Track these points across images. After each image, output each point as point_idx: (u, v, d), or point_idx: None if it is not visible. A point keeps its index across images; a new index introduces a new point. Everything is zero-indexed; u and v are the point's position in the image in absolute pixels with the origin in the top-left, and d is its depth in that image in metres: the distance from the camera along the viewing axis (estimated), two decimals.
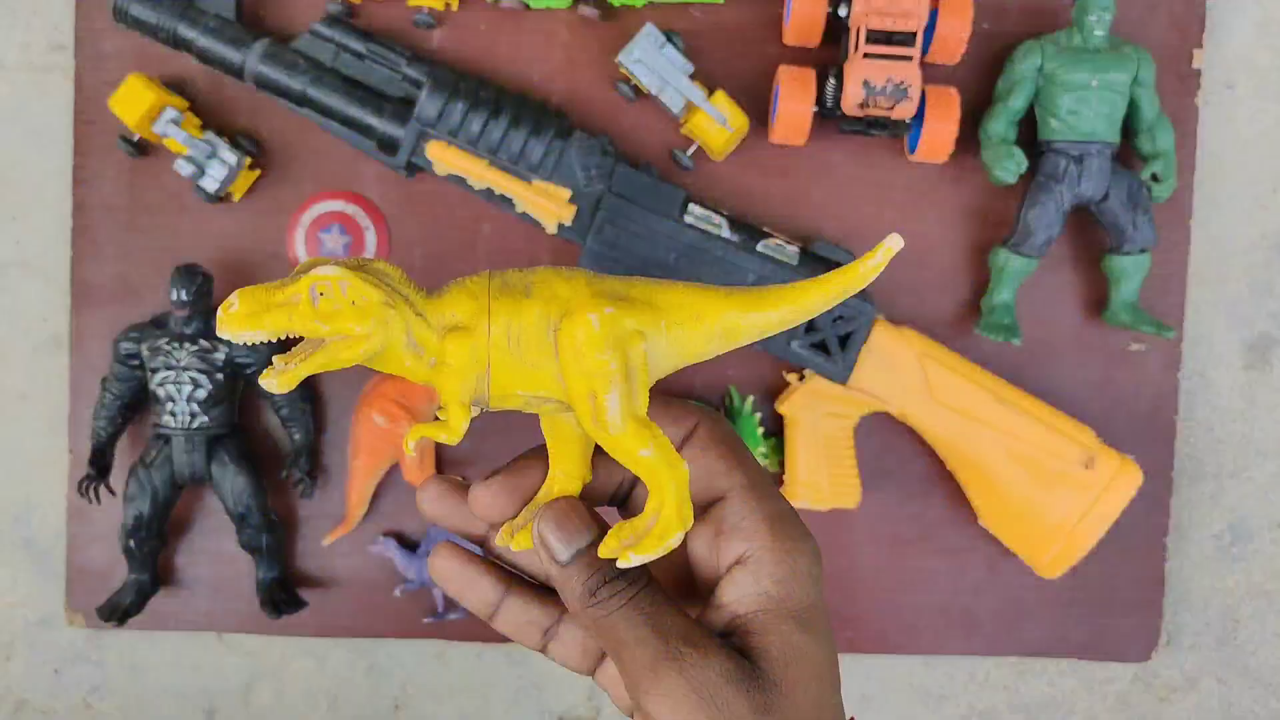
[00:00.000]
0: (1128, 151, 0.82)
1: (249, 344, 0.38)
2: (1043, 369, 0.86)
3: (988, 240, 0.84)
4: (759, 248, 0.79)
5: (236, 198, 0.82)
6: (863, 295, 0.79)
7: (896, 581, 0.87)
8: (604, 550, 0.39)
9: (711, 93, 0.79)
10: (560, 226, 0.79)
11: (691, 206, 0.79)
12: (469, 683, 0.90)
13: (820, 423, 0.81)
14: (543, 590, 0.43)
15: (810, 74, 0.79)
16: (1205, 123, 0.86)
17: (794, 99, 0.78)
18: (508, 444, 0.46)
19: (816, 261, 0.80)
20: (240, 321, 0.36)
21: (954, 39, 0.79)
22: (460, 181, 0.79)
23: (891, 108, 0.76)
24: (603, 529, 0.40)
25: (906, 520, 0.87)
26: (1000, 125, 0.80)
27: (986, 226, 0.85)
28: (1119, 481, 0.80)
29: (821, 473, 0.81)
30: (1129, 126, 0.81)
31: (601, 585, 0.39)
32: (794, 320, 0.40)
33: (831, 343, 0.79)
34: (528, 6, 0.81)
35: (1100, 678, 0.90)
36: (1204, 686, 0.91)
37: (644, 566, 0.39)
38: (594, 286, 0.38)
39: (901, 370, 0.80)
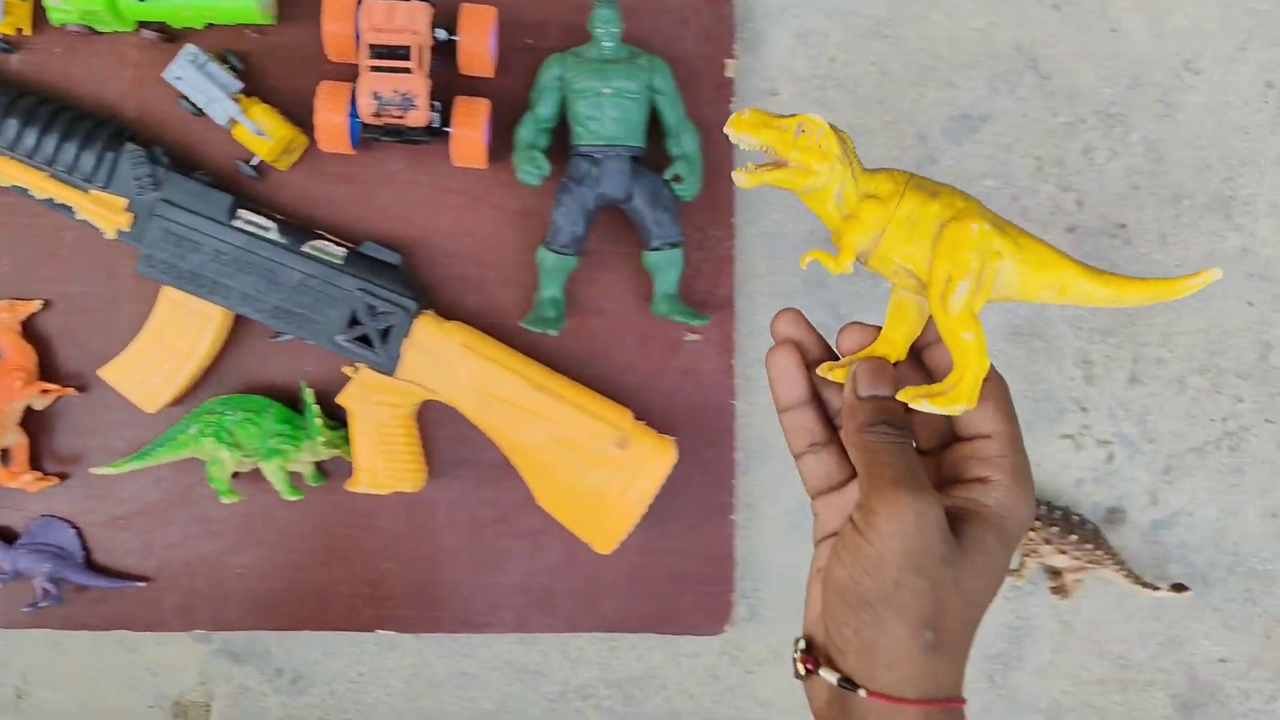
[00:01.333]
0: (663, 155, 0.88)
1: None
2: (607, 359, 0.92)
3: (539, 239, 0.90)
4: (304, 249, 0.85)
5: None
6: (402, 292, 0.85)
7: (478, 563, 0.92)
8: (903, 395, 0.50)
9: (256, 107, 0.85)
10: (120, 233, 0.85)
11: (241, 211, 0.85)
12: (86, 671, 0.94)
13: (374, 411, 0.86)
14: (828, 418, 0.57)
15: (346, 87, 0.85)
16: None
17: (328, 110, 0.84)
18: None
19: (363, 260, 0.86)
20: (746, 126, 0.50)
21: (477, 53, 0.85)
22: (23, 192, 0.85)
23: (403, 116, 0.82)
24: (895, 392, 0.51)
25: (484, 503, 0.92)
26: (528, 132, 0.86)
27: (541, 226, 0.90)
28: (652, 460, 0.86)
29: (378, 459, 0.86)
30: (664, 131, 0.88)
31: (881, 422, 0.51)
32: (1112, 302, 0.52)
33: (373, 335, 0.85)
34: (94, 30, 0.87)
35: (688, 651, 0.95)
36: (787, 657, 0.96)
37: (909, 429, 0.51)
38: (983, 210, 0.50)
39: (445, 361, 0.85)
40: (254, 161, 0.88)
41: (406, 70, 0.81)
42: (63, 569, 0.89)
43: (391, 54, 0.81)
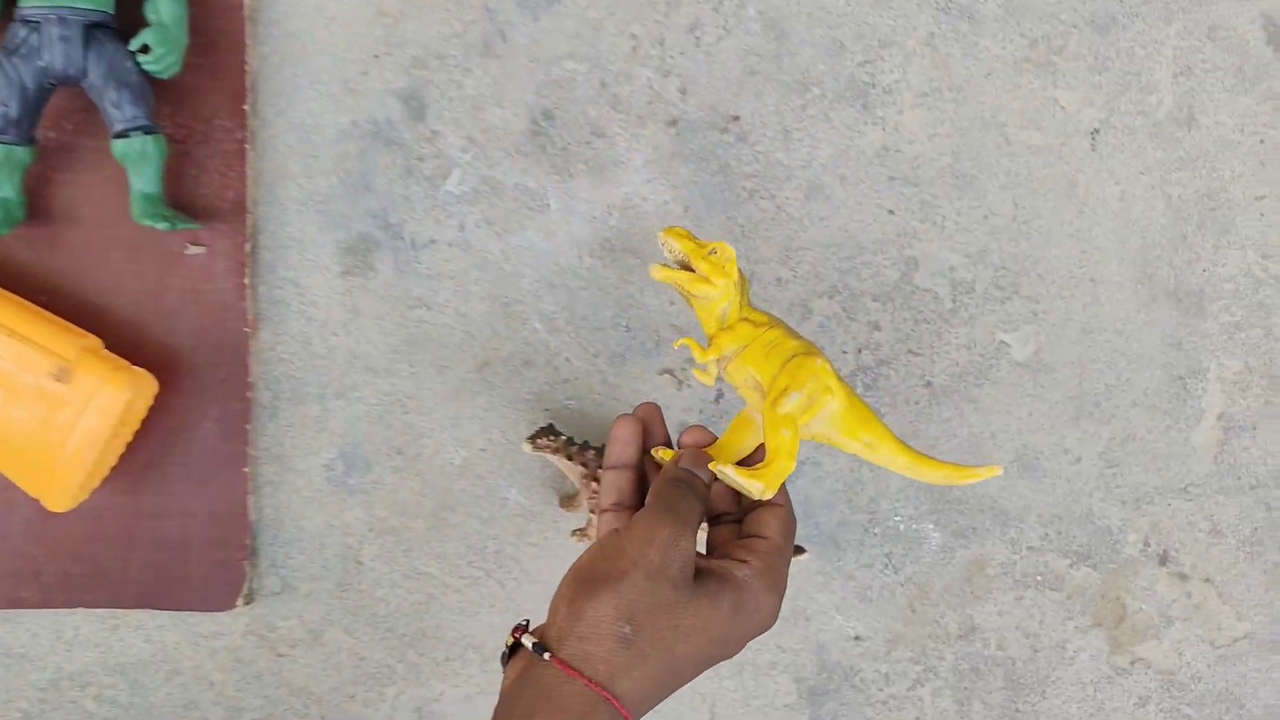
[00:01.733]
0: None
1: None
2: (90, 276, 0.76)
3: None
4: None
5: None
6: None
7: None
8: (715, 463, 0.56)
9: None
10: None
11: None
12: None
13: None
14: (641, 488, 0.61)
15: None
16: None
17: None
18: None
19: None
20: (675, 235, 0.59)
21: None
22: None
23: None
24: (707, 480, 0.58)
25: None
26: None
27: None
28: (102, 394, 0.70)
29: None
30: None
31: (683, 482, 0.57)
32: (908, 472, 0.59)
33: None
34: None
35: (207, 631, 0.80)
36: (330, 638, 0.80)
37: (703, 497, 0.57)
38: (832, 366, 0.58)
39: None
40: None
41: None
42: None
43: None
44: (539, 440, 0.76)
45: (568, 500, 0.79)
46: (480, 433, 0.80)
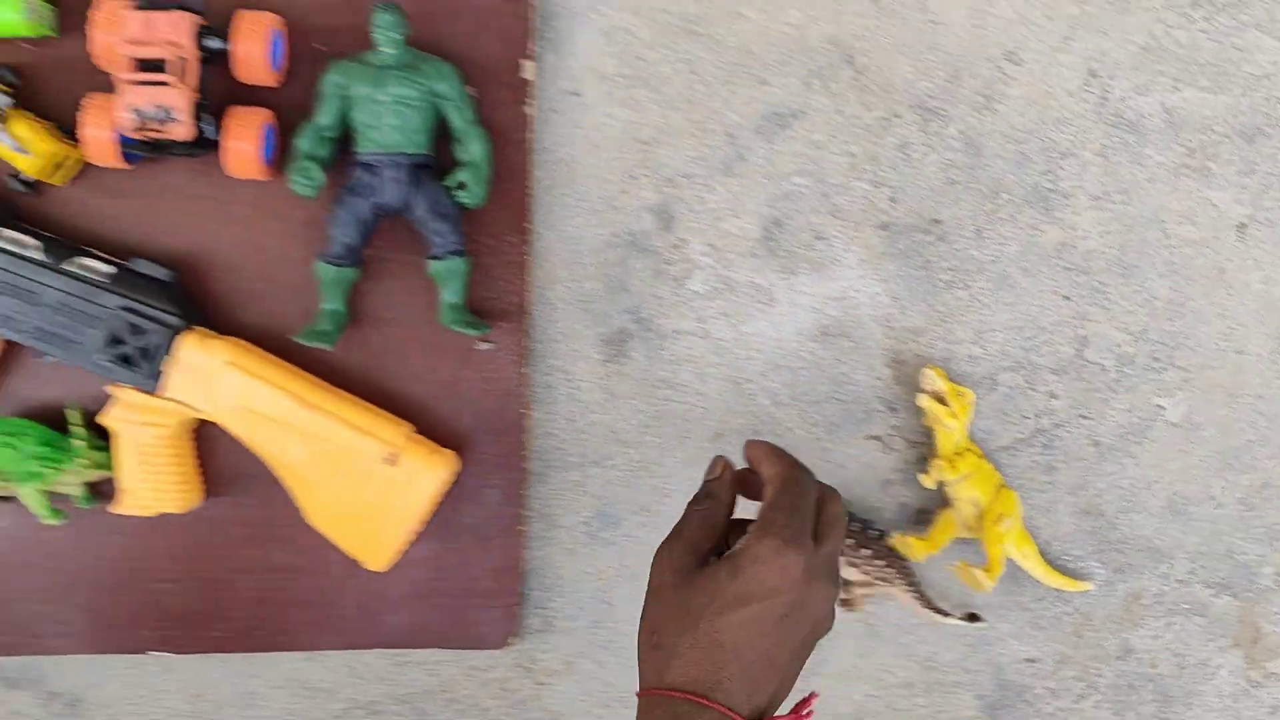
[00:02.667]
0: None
1: None
2: (395, 371, 0.89)
3: None
4: (65, 266, 0.82)
5: None
6: (168, 309, 0.83)
7: (260, 580, 0.91)
8: (959, 568, 0.92)
9: (20, 122, 0.82)
10: None
11: (0, 230, 0.83)
12: None
13: (138, 432, 0.84)
14: None
15: (113, 99, 0.82)
16: (553, 129, 0.91)
17: (93, 125, 0.81)
18: None
19: (133, 277, 0.83)
20: (938, 373, 0.90)
21: (253, 60, 0.82)
22: None
23: (161, 130, 0.79)
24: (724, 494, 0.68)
25: (266, 520, 0.90)
26: (306, 142, 0.84)
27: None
28: (423, 475, 0.85)
29: (142, 480, 0.85)
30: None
31: (705, 495, 0.68)
32: (1037, 575, 0.97)
33: (135, 355, 0.83)
34: None
35: (480, 664, 0.95)
36: (581, 668, 0.95)
37: (720, 501, 0.68)
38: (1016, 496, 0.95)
39: (210, 379, 0.84)
40: (23, 176, 0.85)
41: (165, 84, 0.78)
42: None
43: (149, 67, 0.78)
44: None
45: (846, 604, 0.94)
46: None
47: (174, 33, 0.78)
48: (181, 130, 0.80)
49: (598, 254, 0.92)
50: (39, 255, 0.82)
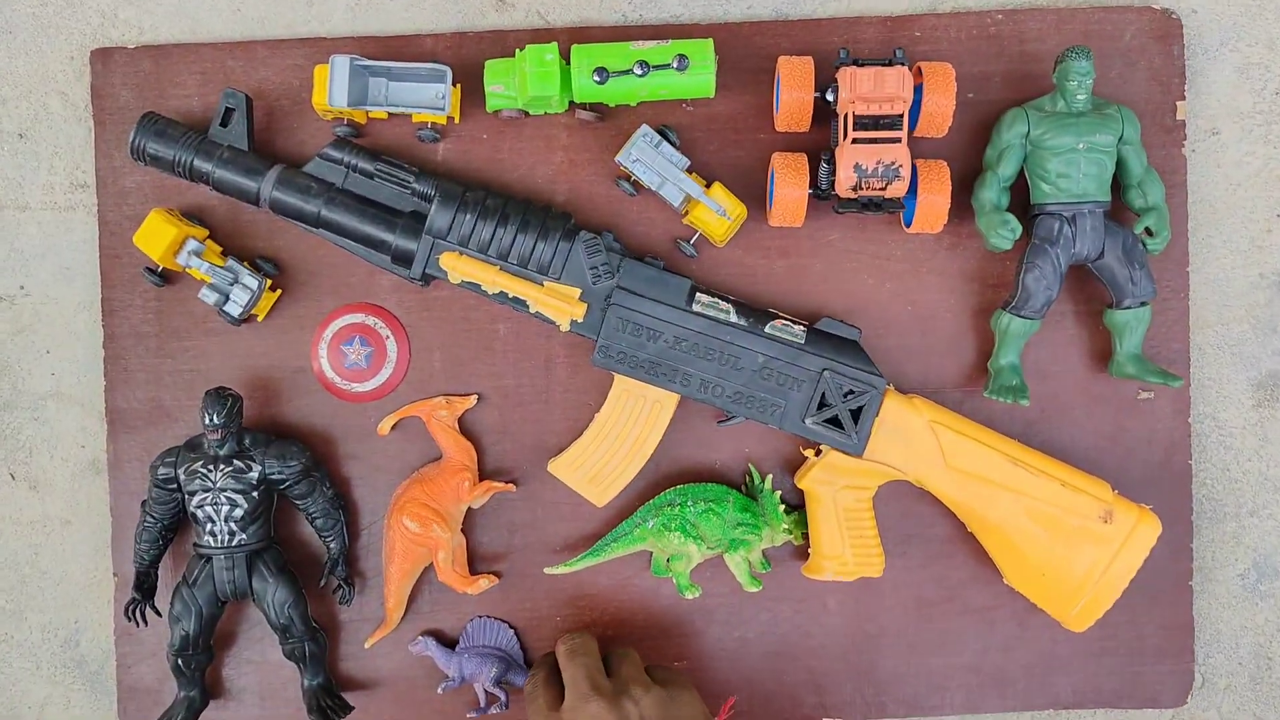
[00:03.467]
0: (1120, 206, 0.84)
1: (281, 458, 0.82)
2: (1054, 425, 0.87)
3: (988, 303, 0.86)
4: (767, 329, 0.81)
5: (260, 318, 0.85)
6: (870, 370, 0.81)
7: (924, 644, 0.88)
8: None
9: (709, 184, 0.82)
10: (573, 323, 0.82)
11: (699, 295, 0.82)
12: None
13: (839, 495, 0.83)
14: None
15: (803, 159, 0.81)
16: (1194, 170, 0.88)
17: (789, 184, 0.80)
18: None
19: (822, 338, 0.82)
20: None
21: (940, 114, 0.81)
22: (474, 287, 0.82)
23: (884, 188, 0.78)
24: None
25: (931, 582, 0.88)
26: (992, 193, 0.82)
27: (986, 290, 0.87)
28: (1138, 533, 0.81)
29: (844, 544, 0.83)
30: (1119, 182, 0.83)
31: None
32: None
33: (844, 417, 0.81)
34: (527, 114, 0.84)
35: None
36: None
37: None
38: None
39: (914, 439, 0.82)
40: (693, 240, 0.84)
41: (896, 140, 0.77)
42: (508, 671, 0.86)
43: (878, 124, 0.77)
44: None
45: None
46: None
47: (902, 89, 0.77)
48: (900, 187, 0.78)
49: (1244, 296, 0.89)
50: (736, 319, 0.81)
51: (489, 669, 0.86)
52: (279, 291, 0.85)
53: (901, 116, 0.77)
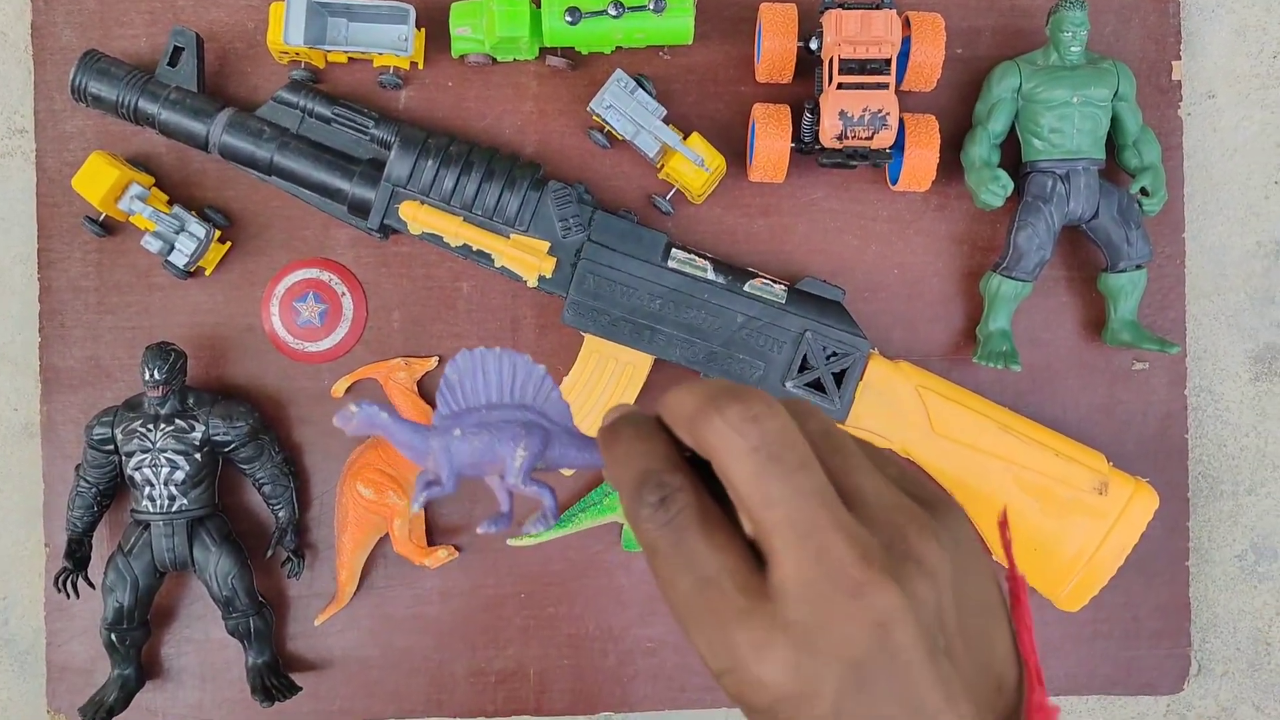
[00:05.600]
0: (1113, 168, 0.80)
1: (226, 419, 0.69)
2: (1045, 395, 0.83)
3: (977, 266, 0.82)
4: (746, 288, 0.77)
5: (208, 271, 0.80)
6: (855, 330, 0.77)
7: None
8: None
9: (686, 135, 0.78)
10: (541, 279, 0.77)
11: (675, 251, 0.77)
12: None
13: None
14: None
15: (785, 110, 0.77)
16: (1190, 133, 0.85)
17: (771, 136, 0.76)
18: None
19: (804, 299, 0.78)
20: None
21: (929, 66, 0.77)
22: (436, 240, 0.77)
23: (870, 137, 0.74)
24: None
25: None
26: (982, 149, 0.79)
27: (975, 252, 0.83)
28: (1135, 506, 0.77)
29: None
30: (1114, 142, 0.80)
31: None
32: None
33: (826, 380, 0.77)
34: (495, 60, 0.80)
35: (1131, 713, 0.87)
36: (1241, 715, 0.87)
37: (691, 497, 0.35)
38: None
39: (900, 405, 0.77)
40: (669, 195, 0.80)
41: (883, 85, 0.73)
42: (547, 448, 0.35)
43: (864, 69, 0.73)
44: None
45: None
46: None
47: (889, 31, 0.73)
48: (887, 137, 0.74)
49: (1241, 265, 0.86)
50: (715, 276, 0.77)
51: (513, 446, 0.40)
52: (228, 244, 0.80)
53: (889, 61, 0.74)
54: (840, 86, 0.74)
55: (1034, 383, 0.83)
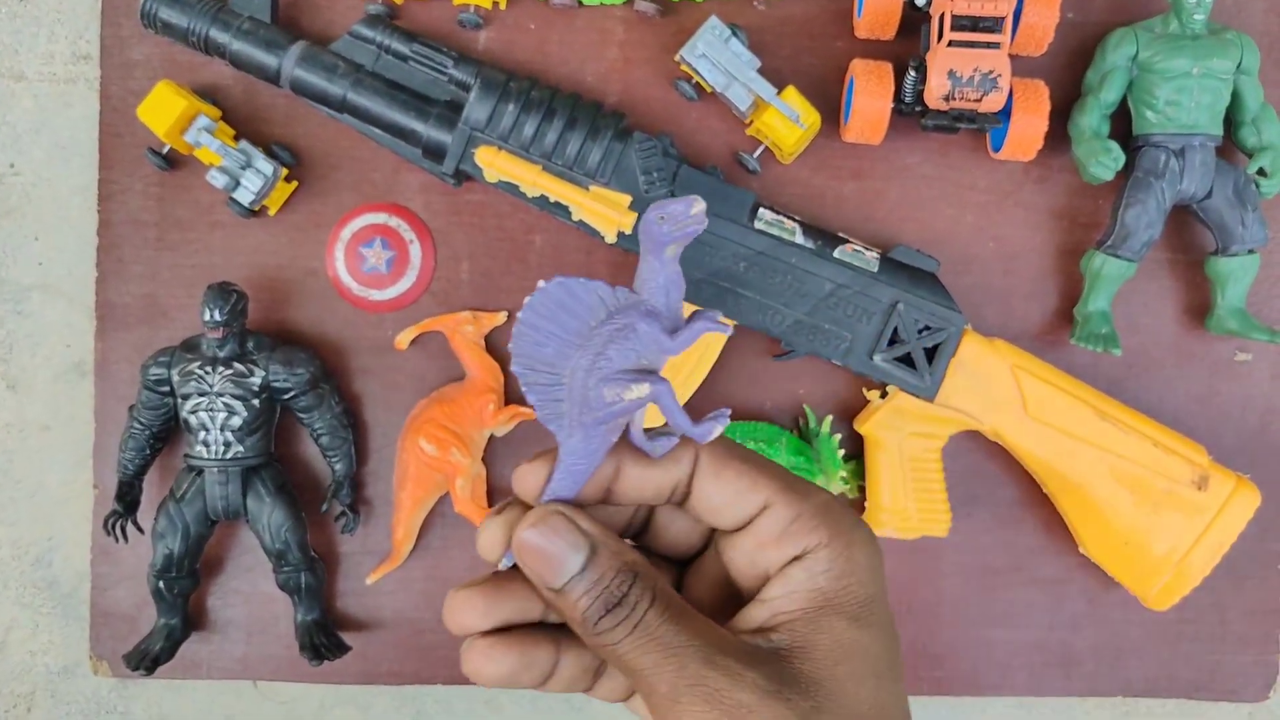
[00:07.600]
0: (1228, 146, 0.75)
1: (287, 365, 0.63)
2: (1141, 382, 0.79)
3: (1076, 243, 0.78)
4: (836, 254, 0.73)
5: (272, 211, 0.77)
6: (950, 304, 0.73)
7: (988, 616, 0.80)
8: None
9: (781, 89, 0.74)
10: (620, 235, 0.73)
11: (762, 211, 0.73)
12: None
13: (905, 443, 0.74)
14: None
15: (887, 67, 0.73)
16: None
17: (871, 94, 0.72)
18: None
19: (897, 268, 0.74)
20: None
21: (1041, 28, 0.73)
22: (512, 189, 0.74)
23: (980, 99, 0.70)
24: (598, 541, 0.37)
25: (998, 549, 0.80)
26: (1093, 119, 0.74)
27: (1075, 228, 0.78)
28: (1235, 503, 0.73)
29: (908, 498, 0.75)
30: (1231, 118, 0.75)
31: (602, 615, 0.36)
32: None
33: (918, 356, 0.73)
34: (581, 3, 0.76)
35: (1211, 719, 0.83)
36: None
37: (652, 581, 0.37)
38: None
39: (994, 385, 0.73)
40: (757, 154, 0.76)
41: (996, 45, 0.69)
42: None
43: (977, 26, 0.69)
44: None
45: None
46: None
47: None
48: (996, 100, 0.70)
49: None
50: (804, 240, 0.73)
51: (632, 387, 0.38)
52: (295, 184, 0.77)
53: (1003, 20, 0.69)
54: (951, 44, 0.69)
55: (1130, 369, 0.79)
